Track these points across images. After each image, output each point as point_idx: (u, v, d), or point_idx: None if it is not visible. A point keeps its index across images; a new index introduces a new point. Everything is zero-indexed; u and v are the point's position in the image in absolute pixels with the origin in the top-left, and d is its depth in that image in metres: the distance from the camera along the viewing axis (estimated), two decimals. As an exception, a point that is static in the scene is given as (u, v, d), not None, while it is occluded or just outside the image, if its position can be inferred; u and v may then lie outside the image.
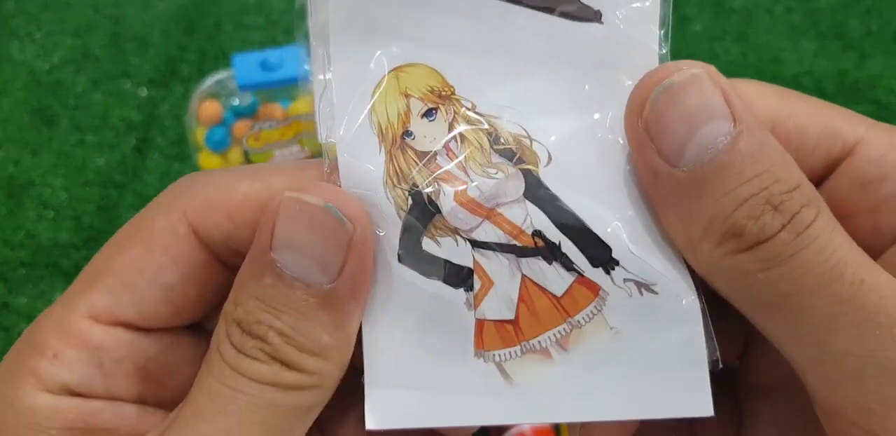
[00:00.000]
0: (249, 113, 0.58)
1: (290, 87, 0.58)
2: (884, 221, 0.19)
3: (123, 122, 0.69)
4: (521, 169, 0.19)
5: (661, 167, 0.18)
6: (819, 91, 0.68)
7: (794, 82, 0.68)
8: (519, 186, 0.19)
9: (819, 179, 0.20)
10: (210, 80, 0.58)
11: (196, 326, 0.22)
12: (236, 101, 0.58)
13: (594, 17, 0.19)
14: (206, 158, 0.59)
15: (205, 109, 0.58)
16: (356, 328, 0.19)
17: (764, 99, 0.20)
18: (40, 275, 0.61)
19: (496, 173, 0.19)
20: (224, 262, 0.21)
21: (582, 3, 0.19)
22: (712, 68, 0.18)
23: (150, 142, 0.67)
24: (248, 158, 0.58)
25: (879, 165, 0.19)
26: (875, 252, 0.19)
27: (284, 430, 0.19)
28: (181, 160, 0.66)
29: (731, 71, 0.69)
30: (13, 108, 0.70)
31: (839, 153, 0.20)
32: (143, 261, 0.20)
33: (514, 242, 0.19)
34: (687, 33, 0.72)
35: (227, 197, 0.20)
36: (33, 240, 0.63)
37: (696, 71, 0.18)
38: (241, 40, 0.72)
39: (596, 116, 0.19)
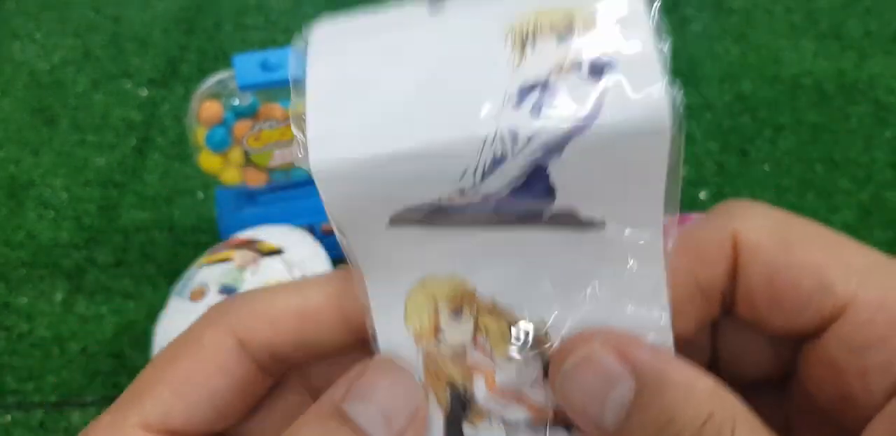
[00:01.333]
0: (249, 113, 0.58)
1: (290, 88, 0.58)
2: (873, 384, 0.20)
3: (124, 122, 0.69)
4: (539, 353, 0.21)
5: (593, 428, 0.20)
6: (819, 91, 0.68)
7: (793, 82, 0.68)
8: (538, 370, 0.21)
9: (812, 335, 0.21)
10: (210, 81, 0.58)
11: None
12: (236, 102, 0.58)
13: (597, 227, 0.21)
14: (207, 158, 0.58)
15: (205, 109, 0.58)
16: None
17: (762, 245, 0.21)
18: (40, 275, 0.61)
19: (518, 360, 0.21)
20: (266, 371, 0.22)
21: (582, 221, 0.21)
22: (605, 332, 0.20)
23: (151, 142, 0.67)
24: (248, 158, 0.58)
25: (866, 331, 0.20)
26: (868, 409, 0.20)
27: None
28: (181, 160, 0.66)
29: (731, 71, 0.69)
30: (13, 108, 0.70)
31: (830, 313, 0.20)
32: (192, 372, 0.21)
33: (540, 420, 0.21)
34: (687, 33, 0.72)
35: (269, 308, 0.22)
36: (33, 240, 0.63)
37: (584, 352, 0.20)
38: (241, 40, 0.73)
39: (603, 306, 0.21)
